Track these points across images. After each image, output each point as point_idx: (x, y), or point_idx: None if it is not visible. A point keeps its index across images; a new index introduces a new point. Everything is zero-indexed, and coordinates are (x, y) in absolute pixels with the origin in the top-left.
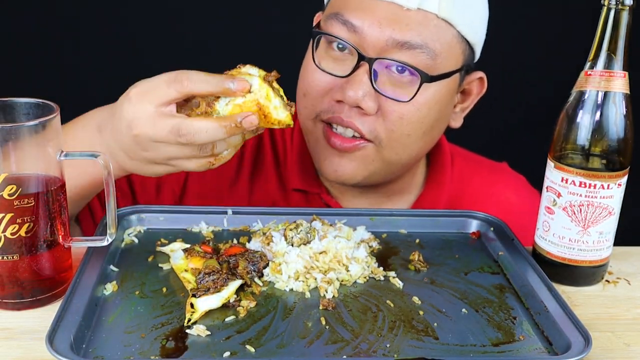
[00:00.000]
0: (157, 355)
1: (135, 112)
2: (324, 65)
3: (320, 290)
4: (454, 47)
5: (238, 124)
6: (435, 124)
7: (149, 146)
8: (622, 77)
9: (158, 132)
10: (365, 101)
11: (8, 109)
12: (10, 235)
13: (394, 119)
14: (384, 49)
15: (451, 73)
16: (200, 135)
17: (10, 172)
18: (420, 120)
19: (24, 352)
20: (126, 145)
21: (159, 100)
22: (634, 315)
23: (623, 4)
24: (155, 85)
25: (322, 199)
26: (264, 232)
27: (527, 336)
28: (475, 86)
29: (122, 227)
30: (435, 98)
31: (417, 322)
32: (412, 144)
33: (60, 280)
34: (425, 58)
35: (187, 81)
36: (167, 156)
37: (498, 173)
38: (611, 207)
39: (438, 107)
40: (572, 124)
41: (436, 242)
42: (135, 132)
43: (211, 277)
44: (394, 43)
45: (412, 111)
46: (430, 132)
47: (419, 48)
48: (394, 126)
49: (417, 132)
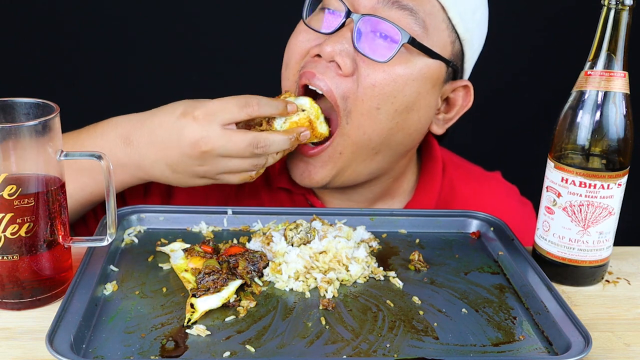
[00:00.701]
0: (157, 355)
1: (204, 131)
2: (312, 23)
3: (320, 290)
4: (443, 31)
5: (298, 136)
6: (411, 106)
7: (212, 161)
8: (622, 77)
9: (236, 145)
10: (342, 57)
11: (8, 109)
12: (10, 235)
13: (366, 85)
14: (374, 8)
15: (436, 55)
16: (274, 146)
17: (10, 172)
18: (392, 93)
19: (24, 352)
20: (179, 161)
21: (229, 121)
22: (634, 315)
23: (623, 4)
24: (224, 107)
25: (307, 200)
26: (264, 232)
27: (527, 336)
28: (460, 97)
29: (122, 227)
30: (414, 73)
31: (417, 322)
32: (382, 122)
33: (60, 280)
34: (413, 23)
35: (257, 106)
36: (224, 170)
37: (490, 183)
38: (611, 207)
39: (416, 86)
40: (572, 124)
41: (436, 242)
42: (205, 149)
43: (211, 277)
44: (385, 1)
45: (386, 80)
46: (405, 115)
47: (408, 10)
48: (364, 95)
49: (387, 107)
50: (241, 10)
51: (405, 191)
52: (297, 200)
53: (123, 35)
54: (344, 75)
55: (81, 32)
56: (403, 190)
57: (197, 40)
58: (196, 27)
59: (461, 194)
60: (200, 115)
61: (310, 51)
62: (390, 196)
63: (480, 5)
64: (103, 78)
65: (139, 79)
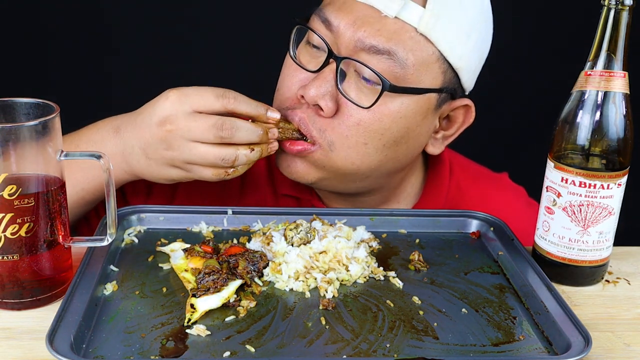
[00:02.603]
0: (157, 355)
1: (174, 109)
2: (300, 58)
3: (320, 290)
4: (432, 64)
5: (266, 132)
6: (400, 140)
7: (177, 144)
8: (622, 77)
9: (199, 126)
10: (325, 100)
11: (8, 109)
12: (11, 235)
13: (350, 124)
14: (354, 50)
15: (424, 90)
16: (240, 133)
17: (10, 172)
18: (379, 131)
19: (24, 352)
20: (149, 142)
21: (201, 106)
22: (634, 315)
23: (623, 4)
24: (200, 93)
25: (313, 206)
26: (264, 232)
27: (527, 336)
28: (460, 114)
29: (122, 227)
30: (401, 112)
31: (417, 322)
32: (371, 155)
33: (60, 280)
34: (392, 66)
35: (233, 99)
36: (190, 158)
37: (497, 185)
38: (611, 207)
39: (404, 123)
40: (572, 124)
41: (436, 242)
42: (170, 128)
43: (211, 277)
44: (362, 45)
45: (371, 119)
46: (394, 148)
47: (385, 54)
48: (349, 132)
49: (375, 143)
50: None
51: (411, 195)
52: (304, 207)
53: (123, 36)
54: (324, 116)
55: (81, 32)
56: (408, 194)
57: (199, 41)
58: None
59: (468, 196)
60: (174, 96)
61: (297, 92)
62: (396, 201)
63: (476, 25)
64: (103, 78)
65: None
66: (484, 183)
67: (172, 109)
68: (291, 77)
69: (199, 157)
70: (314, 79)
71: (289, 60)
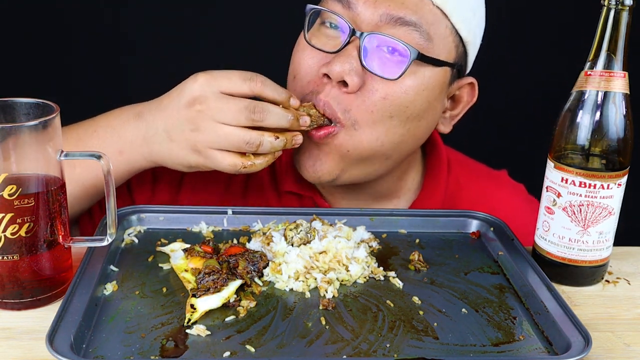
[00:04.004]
0: (157, 355)
1: (203, 90)
2: (315, 42)
3: (320, 290)
4: (447, 37)
5: (297, 118)
6: (422, 114)
7: (205, 125)
8: (622, 77)
9: (230, 108)
10: (351, 75)
11: (8, 109)
12: (11, 235)
13: (376, 98)
14: (377, 25)
15: (443, 63)
16: (272, 116)
17: (10, 172)
18: (405, 103)
19: (24, 352)
20: (175, 123)
21: (229, 89)
22: (634, 315)
23: (623, 4)
24: (228, 75)
25: (315, 203)
26: (264, 232)
27: (527, 336)
28: (465, 93)
29: (122, 227)
30: (424, 84)
31: (417, 322)
32: (395, 128)
33: (60, 280)
34: (418, 37)
35: (261, 83)
36: (215, 140)
37: (496, 182)
38: (611, 207)
39: (426, 95)
40: (572, 124)
41: (436, 242)
42: (199, 108)
43: (211, 277)
44: (388, 18)
45: (397, 92)
46: (416, 122)
47: (412, 25)
48: (374, 107)
49: (400, 116)
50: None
51: (410, 190)
52: (306, 203)
53: (124, 35)
54: (348, 92)
55: (81, 32)
56: (408, 189)
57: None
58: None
59: (467, 193)
60: (202, 77)
61: (319, 70)
62: (395, 195)
63: (479, 4)
64: (103, 78)
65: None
66: (483, 180)
67: (202, 90)
68: (310, 59)
69: (224, 139)
70: (337, 56)
71: (303, 45)
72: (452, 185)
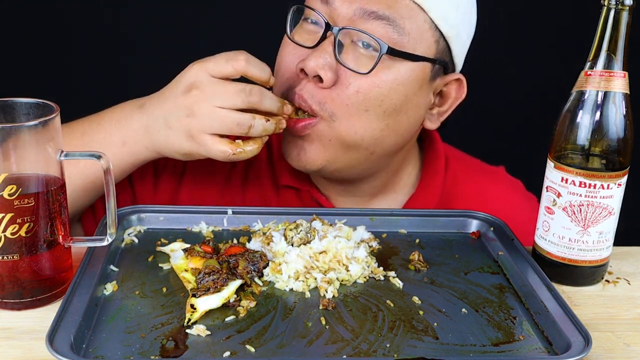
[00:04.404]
0: (157, 355)
1: (198, 76)
2: (297, 38)
3: (320, 290)
4: (425, 32)
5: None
6: (400, 108)
7: (200, 109)
8: (622, 77)
9: (227, 91)
10: (325, 70)
11: (8, 109)
12: (11, 235)
13: (349, 92)
14: (352, 19)
15: (420, 57)
16: (266, 99)
17: (10, 172)
18: (379, 97)
19: (24, 352)
20: (173, 111)
21: (215, 71)
22: (634, 315)
23: (623, 4)
24: (215, 59)
25: (313, 197)
26: (264, 232)
27: (527, 336)
28: (453, 89)
29: (122, 227)
30: (399, 78)
31: (417, 322)
32: (372, 122)
33: (60, 280)
34: (392, 31)
35: (244, 62)
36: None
37: (494, 178)
38: (611, 207)
39: (402, 90)
40: (572, 124)
41: (436, 242)
42: (196, 93)
43: (211, 277)
44: (362, 13)
45: (370, 86)
46: (395, 117)
47: (385, 20)
48: (349, 100)
49: (375, 110)
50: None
51: (407, 185)
52: (304, 197)
53: (124, 35)
54: (323, 87)
55: (81, 32)
56: (405, 184)
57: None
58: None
59: (465, 188)
60: (196, 65)
61: (297, 66)
62: (392, 190)
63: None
64: (103, 78)
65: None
66: (481, 175)
67: (197, 76)
68: (290, 55)
69: (218, 122)
70: (313, 51)
71: (286, 41)
72: (450, 180)
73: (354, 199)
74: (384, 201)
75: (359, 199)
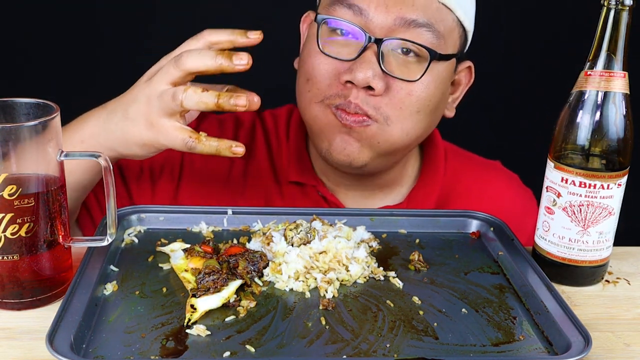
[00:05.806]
0: (157, 355)
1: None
2: (328, 50)
3: (320, 290)
4: (454, 31)
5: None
6: (440, 104)
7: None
8: (622, 77)
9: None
10: (376, 80)
11: (8, 109)
12: (11, 235)
13: (402, 96)
14: (391, 29)
15: (452, 56)
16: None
17: (10, 172)
18: (428, 97)
19: (24, 352)
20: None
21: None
22: (634, 315)
23: (623, 4)
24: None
25: (319, 192)
26: (264, 232)
27: (527, 336)
28: (464, 76)
29: (122, 227)
30: (440, 77)
31: (417, 322)
32: (421, 122)
33: (60, 280)
34: (431, 37)
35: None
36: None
37: (491, 170)
38: (611, 207)
39: (442, 87)
40: (572, 124)
41: (436, 242)
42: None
43: (211, 277)
44: (402, 22)
45: (420, 88)
46: (436, 112)
47: (425, 27)
48: (402, 103)
49: (425, 109)
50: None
51: (410, 177)
52: (309, 192)
53: (124, 36)
54: (375, 95)
55: (82, 32)
56: (408, 176)
57: None
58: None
59: (464, 181)
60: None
61: (340, 78)
62: (398, 183)
63: None
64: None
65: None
66: (479, 168)
67: (159, 64)
68: (323, 65)
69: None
70: (357, 63)
71: (315, 50)
72: (449, 173)
73: (362, 193)
74: (390, 195)
75: (367, 193)
